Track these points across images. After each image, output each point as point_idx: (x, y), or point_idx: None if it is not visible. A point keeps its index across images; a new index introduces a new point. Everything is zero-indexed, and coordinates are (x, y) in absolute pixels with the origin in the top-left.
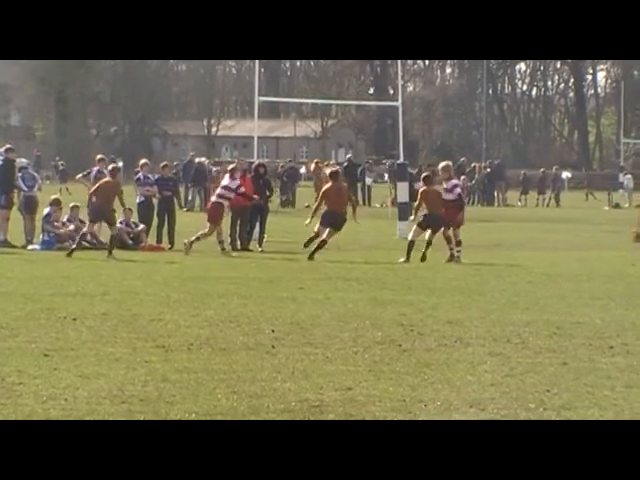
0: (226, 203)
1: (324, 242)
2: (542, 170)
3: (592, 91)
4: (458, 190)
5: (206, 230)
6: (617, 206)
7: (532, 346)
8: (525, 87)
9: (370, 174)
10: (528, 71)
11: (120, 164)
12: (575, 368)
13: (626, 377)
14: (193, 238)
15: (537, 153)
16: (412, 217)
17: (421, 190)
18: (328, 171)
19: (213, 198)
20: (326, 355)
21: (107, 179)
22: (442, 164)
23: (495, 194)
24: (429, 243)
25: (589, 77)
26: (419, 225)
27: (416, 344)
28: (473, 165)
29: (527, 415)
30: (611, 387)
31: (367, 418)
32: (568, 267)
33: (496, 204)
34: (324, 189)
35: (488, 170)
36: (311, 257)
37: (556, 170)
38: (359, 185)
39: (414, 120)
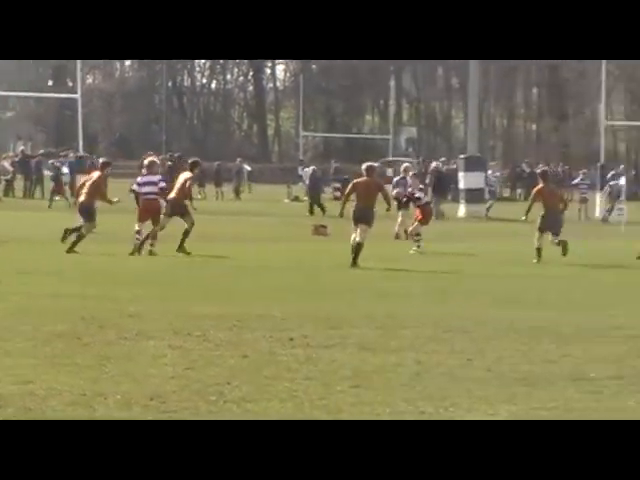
0: None
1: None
2: (217, 163)
3: (271, 85)
4: (163, 184)
5: None
6: (297, 199)
7: (213, 339)
8: (205, 80)
9: (47, 166)
10: (208, 64)
11: None
12: (255, 360)
13: (305, 369)
14: None
15: (217, 146)
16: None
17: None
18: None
19: None
20: (5, 348)
21: None
22: (148, 160)
23: None
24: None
25: (268, 71)
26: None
27: (97, 337)
28: (160, 158)
29: (208, 408)
30: (291, 379)
31: (47, 412)
32: (250, 259)
33: None
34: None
35: (169, 163)
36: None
37: (239, 162)
38: (34, 178)
39: (94, 112)
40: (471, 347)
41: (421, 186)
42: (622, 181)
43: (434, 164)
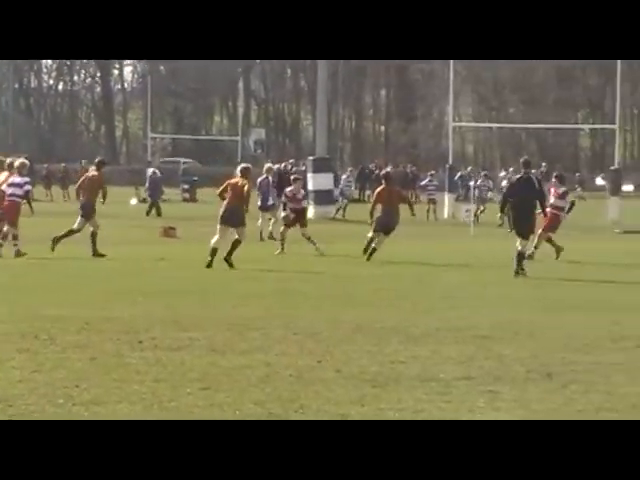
0: None
1: None
2: (64, 165)
3: (119, 86)
4: (28, 187)
5: None
6: (144, 201)
7: (60, 342)
8: (52, 81)
9: None
10: (55, 65)
11: None
12: (104, 363)
13: (154, 371)
14: None
15: (65, 147)
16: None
17: None
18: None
19: None
20: None
21: None
22: (19, 161)
23: None
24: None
25: (116, 72)
26: None
27: None
28: (9, 161)
29: (55, 411)
30: (140, 381)
31: None
32: (97, 261)
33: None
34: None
35: None
36: None
37: (85, 164)
38: None
39: None
40: (320, 348)
41: (302, 191)
42: (471, 183)
43: (276, 166)
